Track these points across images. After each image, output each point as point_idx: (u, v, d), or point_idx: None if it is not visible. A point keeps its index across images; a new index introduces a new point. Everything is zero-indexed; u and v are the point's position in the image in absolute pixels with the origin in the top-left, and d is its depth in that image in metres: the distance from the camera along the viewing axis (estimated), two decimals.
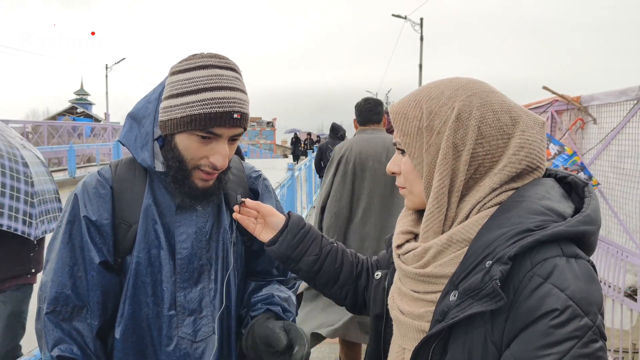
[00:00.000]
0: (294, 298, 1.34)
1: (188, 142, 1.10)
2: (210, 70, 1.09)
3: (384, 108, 2.89)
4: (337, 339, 3.00)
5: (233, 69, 1.13)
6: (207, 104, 1.06)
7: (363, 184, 2.64)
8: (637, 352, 3.09)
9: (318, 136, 30.52)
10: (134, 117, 1.19)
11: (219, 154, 1.11)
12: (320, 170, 7.03)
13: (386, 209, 2.61)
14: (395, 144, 0.91)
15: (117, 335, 1.14)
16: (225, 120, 1.07)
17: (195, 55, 1.13)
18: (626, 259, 3.17)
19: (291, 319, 1.25)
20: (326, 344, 3.80)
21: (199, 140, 1.09)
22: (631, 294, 3.12)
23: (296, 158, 21.97)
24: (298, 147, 23.73)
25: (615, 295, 3.17)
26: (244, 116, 1.11)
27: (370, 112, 2.82)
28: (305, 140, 24.43)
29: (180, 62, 1.13)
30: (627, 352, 3.17)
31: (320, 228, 2.76)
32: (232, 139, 1.14)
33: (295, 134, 22.04)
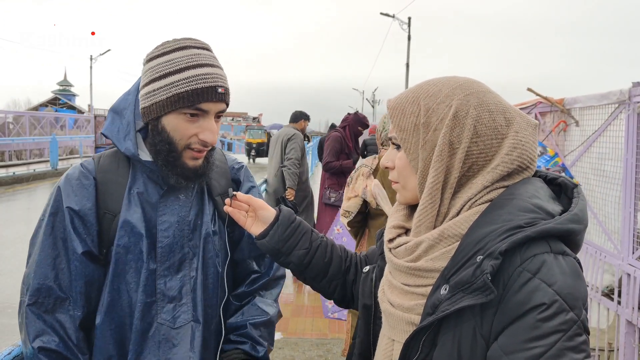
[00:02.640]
0: (275, 310, 1.33)
1: (176, 121, 1.12)
2: (189, 51, 1.12)
3: (308, 116, 6.10)
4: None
5: (208, 48, 1.17)
6: (193, 80, 1.09)
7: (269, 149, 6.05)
8: (613, 351, 3.15)
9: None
10: (115, 110, 1.20)
11: (208, 130, 1.14)
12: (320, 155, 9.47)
13: (270, 160, 5.87)
14: (390, 139, 0.91)
15: (98, 321, 1.14)
16: (211, 95, 1.11)
17: (168, 41, 1.16)
18: (604, 259, 3.24)
19: (262, 353, 1.26)
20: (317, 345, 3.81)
21: (187, 119, 1.12)
22: (608, 294, 3.19)
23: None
24: None
25: (593, 294, 3.25)
26: (227, 91, 1.16)
27: (292, 116, 5.98)
28: None
29: (156, 47, 1.15)
30: (603, 350, 3.24)
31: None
32: (217, 116, 1.16)
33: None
